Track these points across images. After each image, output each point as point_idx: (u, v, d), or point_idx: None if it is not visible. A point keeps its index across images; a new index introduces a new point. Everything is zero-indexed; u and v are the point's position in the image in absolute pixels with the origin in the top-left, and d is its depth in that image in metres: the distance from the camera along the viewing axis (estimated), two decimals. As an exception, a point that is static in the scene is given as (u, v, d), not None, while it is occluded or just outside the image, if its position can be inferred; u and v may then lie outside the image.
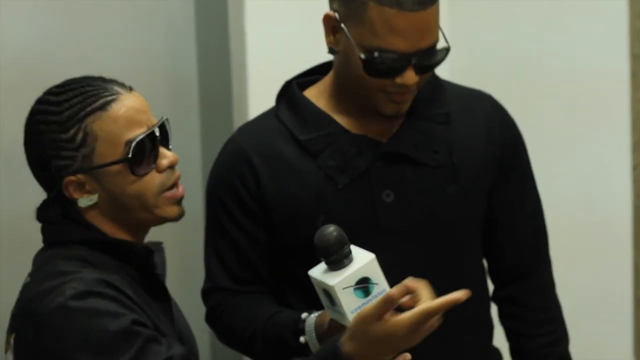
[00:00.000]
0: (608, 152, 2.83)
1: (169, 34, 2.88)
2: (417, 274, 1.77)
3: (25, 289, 1.54)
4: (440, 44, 1.75)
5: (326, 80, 1.87)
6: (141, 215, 1.58)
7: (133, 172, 1.55)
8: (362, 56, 1.69)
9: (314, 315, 1.71)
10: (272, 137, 1.84)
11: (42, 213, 1.60)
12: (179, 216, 1.61)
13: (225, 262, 1.87)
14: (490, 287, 2.02)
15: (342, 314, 1.52)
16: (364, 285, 1.51)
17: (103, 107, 1.54)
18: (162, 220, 1.60)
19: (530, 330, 1.96)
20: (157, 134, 1.57)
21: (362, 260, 1.52)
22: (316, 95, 1.85)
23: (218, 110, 2.87)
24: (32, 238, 1.65)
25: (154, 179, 1.57)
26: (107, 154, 1.54)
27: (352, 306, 1.51)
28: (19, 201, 2.65)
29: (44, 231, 1.61)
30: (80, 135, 1.53)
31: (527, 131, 1.99)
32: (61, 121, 1.53)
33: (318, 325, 1.69)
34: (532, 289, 1.97)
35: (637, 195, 2.84)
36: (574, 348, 2.03)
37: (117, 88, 1.57)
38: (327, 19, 1.76)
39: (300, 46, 2.49)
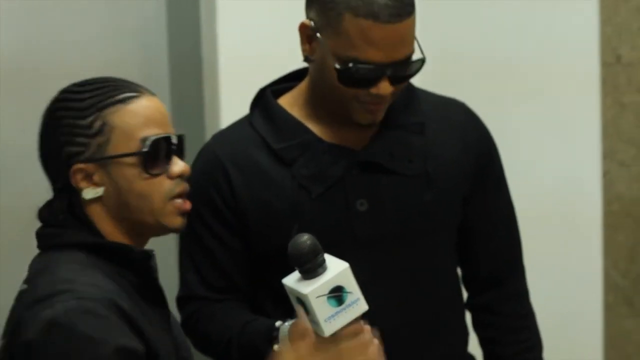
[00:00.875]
0: (579, 159, 2.84)
1: (140, 33, 2.87)
2: (392, 283, 1.77)
3: (21, 296, 1.51)
4: (416, 55, 1.75)
5: (300, 88, 1.86)
6: (144, 218, 1.55)
7: (145, 169, 1.53)
8: (337, 66, 1.69)
9: (288, 323, 1.70)
10: (246, 145, 1.83)
11: (45, 211, 1.58)
12: (181, 228, 1.59)
13: (200, 270, 1.86)
14: (465, 294, 2.02)
15: (316, 323, 1.52)
16: (337, 294, 1.51)
17: (124, 100, 1.54)
18: (163, 228, 1.58)
19: (505, 337, 1.96)
20: (174, 141, 1.57)
21: (336, 269, 1.52)
22: (290, 103, 1.85)
23: (189, 106, 2.86)
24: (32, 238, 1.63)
25: (163, 183, 1.55)
26: (121, 146, 1.53)
27: (325, 315, 1.51)
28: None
29: (40, 235, 1.58)
30: (98, 124, 1.52)
31: (497, 138, 1.99)
32: (81, 107, 1.53)
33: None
34: (507, 297, 1.97)
35: (608, 202, 2.86)
36: (546, 354, 2.03)
37: (140, 88, 1.58)
38: (303, 28, 1.75)
39: (271, 36, 2.49)
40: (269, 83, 1.91)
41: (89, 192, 1.54)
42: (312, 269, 1.51)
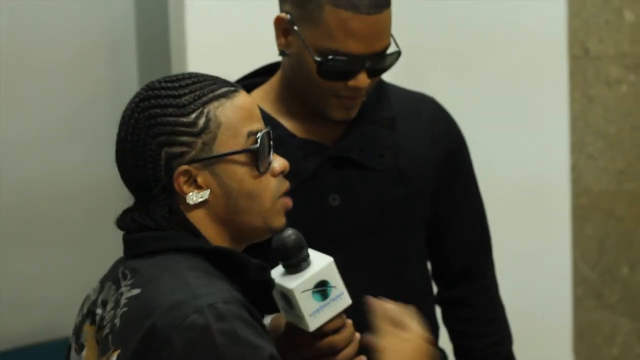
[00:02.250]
0: (547, 152, 2.86)
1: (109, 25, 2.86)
2: (364, 278, 1.77)
3: (135, 300, 1.37)
4: (391, 48, 1.76)
5: (272, 83, 1.85)
6: (253, 220, 1.45)
7: (257, 167, 1.43)
8: (317, 58, 1.69)
9: (269, 318, 1.69)
10: None
11: (132, 219, 1.44)
12: (283, 228, 1.49)
13: None
14: (435, 289, 2.02)
15: (301, 317, 1.52)
16: (322, 288, 1.51)
17: (226, 95, 1.43)
18: (269, 230, 1.48)
19: (476, 331, 1.97)
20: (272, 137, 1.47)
21: (321, 263, 1.52)
22: (261, 97, 1.84)
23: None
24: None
25: (270, 181, 1.46)
26: (230, 144, 1.41)
27: (310, 309, 1.51)
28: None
29: (142, 239, 1.43)
30: (202, 120, 1.40)
31: (465, 132, 2.00)
32: (181, 104, 1.40)
33: (274, 328, 1.67)
34: (477, 290, 1.98)
35: (576, 195, 2.88)
36: (515, 347, 2.04)
37: (232, 83, 1.47)
38: (278, 21, 1.75)
39: (239, 27, 2.49)
40: (238, 78, 1.89)
41: (194, 197, 1.41)
42: (296, 264, 1.51)
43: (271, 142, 1.47)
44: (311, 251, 1.53)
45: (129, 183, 1.46)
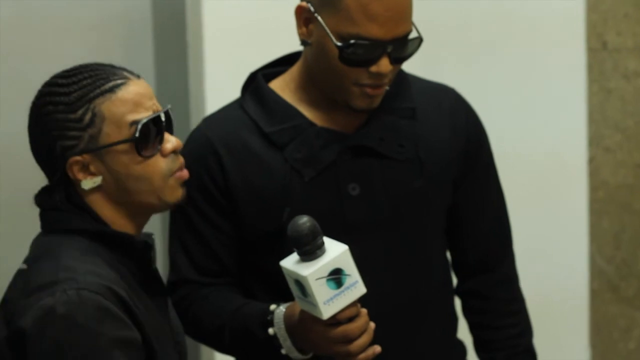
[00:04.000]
0: (564, 145, 2.85)
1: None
2: (383, 268, 1.77)
3: (20, 276, 1.53)
4: (412, 35, 1.75)
5: (293, 72, 1.85)
6: (146, 199, 1.57)
7: (139, 153, 1.55)
8: (339, 44, 1.69)
9: (283, 306, 1.69)
10: (237, 128, 1.82)
11: (43, 198, 1.59)
12: (182, 199, 1.61)
13: (191, 253, 1.85)
14: (454, 280, 2.01)
15: (315, 305, 1.51)
16: (336, 276, 1.51)
17: (112, 89, 1.55)
18: (166, 204, 1.60)
19: (496, 322, 1.96)
20: (163, 119, 1.58)
21: (336, 251, 1.52)
22: (282, 86, 1.84)
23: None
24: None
25: (159, 162, 1.57)
26: (113, 135, 1.54)
27: (324, 297, 1.51)
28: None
29: (43, 217, 1.60)
30: (88, 116, 1.54)
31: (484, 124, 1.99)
32: (70, 102, 1.55)
33: (288, 316, 1.67)
34: (497, 282, 1.97)
35: (593, 188, 2.87)
36: (534, 340, 2.04)
37: (125, 73, 1.59)
38: (299, 11, 1.75)
39: (256, 10, 2.48)
40: (260, 67, 1.90)
41: (87, 183, 1.55)
42: (311, 251, 1.51)
43: (162, 125, 1.58)
44: (326, 239, 1.53)
45: (39, 165, 1.61)
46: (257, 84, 1.85)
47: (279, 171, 1.78)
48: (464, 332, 2.01)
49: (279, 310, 1.69)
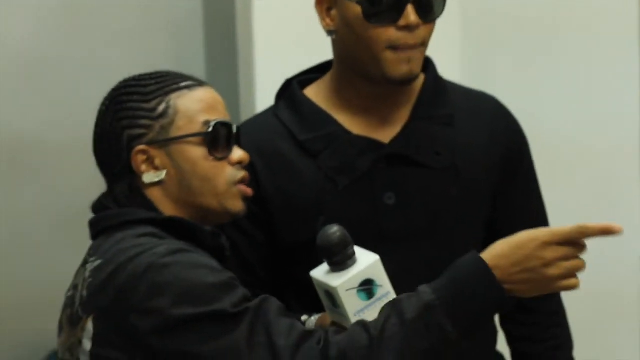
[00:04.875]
0: (619, 136, 2.79)
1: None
2: (419, 279, 1.73)
3: (98, 270, 1.48)
4: None
5: (326, 79, 1.84)
6: (208, 201, 1.56)
7: (209, 151, 1.55)
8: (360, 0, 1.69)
9: (314, 317, 1.67)
10: (271, 136, 1.81)
11: (101, 200, 1.57)
12: (242, 213, 1.60)
13: None
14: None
15: (345, 316, 1.49)
16: (367, 287, 1.48)
17: (189, 87, 1.57)
18: (226, 212, 1.58)
19: (535, 335, 1.93)
20: (234, 130, 1.60)
21: (366, 261, 1.49)
22: (316, 93, 1.83)
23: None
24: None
25: (226, 167, 1.57)
26: (185, 128, 1.55)
27: (355, 308, 1.48)
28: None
29: (102, 218, 1.56)
30: (162, 107, 1.55)
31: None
32: (145, 92, 1.55)
33: (319, 327, 1.65)
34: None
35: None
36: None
37: (201, 80, 1.62)
38: (319, 4, 1.76)
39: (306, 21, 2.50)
40: (295, 75, 1.89)
41: (150, 176, 1.54)
42: (341, 261, 1.48)
43: (233, 134, 1.58)
44: (357, 249, 1.50)
45: (100, 167, 1.60)
46: (291, 91, 1.84)
47: (313, 179, 1.76)
48: (502, 345, 1.99)
49: (310, 320, 1.67)
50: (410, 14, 1.69)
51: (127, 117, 1.54)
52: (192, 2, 2.89)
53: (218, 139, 1.56)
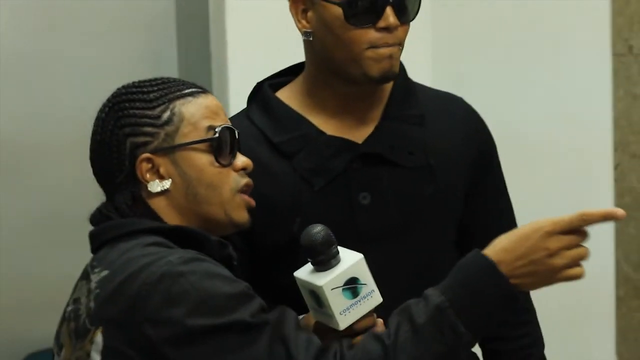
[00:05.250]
0: (590, 152, 2.82)
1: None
2: (395, 277, 1.76)
3: (106, 281, 1.44)
4: None
5: (298, 81, 1.85)
6: (213, 210, 1.53)
7: (216, 157, 1.53)
8: (341, 2, 1.70)
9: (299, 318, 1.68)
10: (245, 139, 1.79)
11: (104, 208, 1.53)
12: (247, 224, 1.57)
13: None
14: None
15: (330, 316, 1.49)
16: (352, 285, 1.49)
17: (192, 94, 1.55)
18: (231, 222, 1.55)
19: (507, 333, 1.94)
20: (237, 136, 1.58)
21: (351, 260, 1.50)
22: (288, 96, 1.84)
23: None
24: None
25: (229, 174, 1.55)
26: (191, 135, 1.52)
27: (340, 307, 1.49)
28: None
29: (103, 229, 1.51)
30: (167, 114, 1.52)
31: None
32: (149, 99, 1.52)
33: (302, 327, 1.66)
34: None
35: (619, 194, 2.85)
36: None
37: (203, 88, 1.59)
38: (294, 4, 1.77)
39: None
40: (266, 77, 1.89)
41: (156, 185, 1.50)
42: (325, 261, 1.49)
43: (236, 140, 1.56)
44: (340, 248, 1.51)
45: (98, 176, 1.55)
46: (263, 93, 1.84)
47: (288, 181, 1.77)
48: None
49: None
50: (390, 16, 1.71)
51: (130, 124, 1.51)
52: (165, 2, 2.88)
53: (224, 144, 1.54)
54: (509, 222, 1.96)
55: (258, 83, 1.88)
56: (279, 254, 1.77)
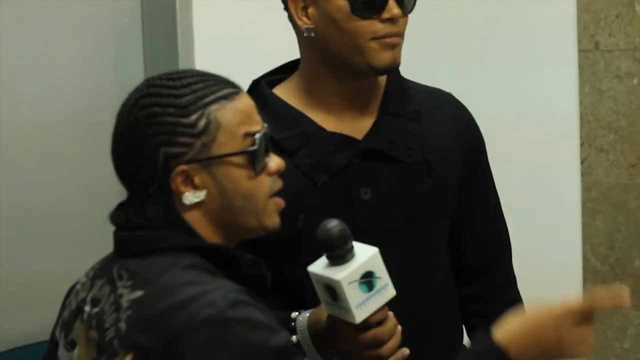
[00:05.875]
0: (557, 146, 2.85)
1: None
2: (397, 271, 1.75)
3: (141, 303, 1.38)
4: None
5: (295, 77, 1.86)
6: (247, 220, 1.46)
7: (253, 168, 1.45)
8: None
9: (306, 313, 1.68)
10: None
11: (129, 216, 1.45)
12: (277, 228, 1.51)
13: None
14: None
15: (347, 309, 1.51)
16: (368, 279, 1.51)
17: (227, 97, 1.44)
18: (264, 229, 1.49)
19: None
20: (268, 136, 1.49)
21: (366, 254, 1.52)
22: (286, 93, 1.84)
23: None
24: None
25: (264, 181, 1.47)
26: (228, 145, 1.43)
27: (357, 301, 1.50)
28: None
29: (134, 239, 1.44)
30: (203, 122, 1.41)
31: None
32: (182, 105, 1.41)
33: (313, 323, 1.66)
34: (497, 284, 1.99)
35: (586, 188, 2.87)
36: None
37: (234, 83, 1.49)
38: (293, 1, 1.78)
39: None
40: (261, 75, 1.89)
41: (190, 197, 1.42)
42: (341, 255, 1.50)
43: (269, 142, 1.49)
44: (354, 242, 1.53)
45: (124, 179, 1.47)
46: (260, 90, 1.84)
47: (291, 178, 1.75)
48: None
49: (302, 316, 1.68)
50: (394, 7, 1.74)
51: (164, 133, 1.40)
52: (131, 2, 2.87)
53: (261, 152, 1.45)
54: (498, 215, 2.00)
55: (254, 81, 1.88)
56: (280, 249, 1.77)
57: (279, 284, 1.74)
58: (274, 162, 1.49)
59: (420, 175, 1.83)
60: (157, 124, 1.41)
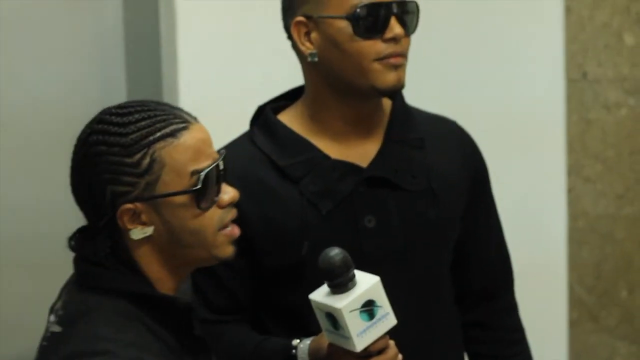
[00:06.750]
0: (544, 175, 2.84)
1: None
2: (400, 300, 1.75)
3: (54, 340, 1.41)
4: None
5: (300, 104, 1.85)
6: (197, 252, 1.48)
7: (198, 205, 1.45)
8: (348, 16, 1.72)
9: (307, 341, 1.68)
10: (250, 163, 1.80)
11: (83, 247, 1.48)
12: (232, 256, 1.51)
13: (203, 292, 1.82)
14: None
15: (348, 338, 1.51)
16: (369, 307, 1.51)
17: (173, 134, 1.44)
18: (216, 259, 1.50)
19: (500, 352, 1.97)
20: (221, 167, 1.49)
21: (368, 282, 1.52)
22: (290, 119, 1.84)
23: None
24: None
25: (214, 215, 1.47)
26: (172, 184, 1.43)
27: (358, 329, 1.50)
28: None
29: (81, 269, 1.48)
30: (146, 161, 1.42)
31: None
32: (126, 144, 1.42)
33: (314, 350, 1.66)
34: (500, 311, 1.98)
35: (573, 218, 2.86)
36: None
37: (185, 116, 1.48)
38: (296, 28, 1.77)
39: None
40: (267, 101, 1.89)
41: (137, 233, 1.44)
42: (343, 283, 1.50)
43: (221, 174, 1.48)
44: (356, 270, 1.53)
45: (80, 206, 1.50)
46: (266, 117, 1.84)
47: (295, 205, 1.77)
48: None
49: (304, 344, 1.68)
50: (395, 27, 1.74)
51: (110, 172, 1.42)
52: (113, 20, 2.83)
53: (208, 189, 1.45)
54: (501, 241, 2.00)
55: (260, 107, 1.87)
56: (283, 275, 1.77)
57: (282, 311, 1.77)
58: (227, 194, 1.49)
59: (425, 203, 1.82)
60: (104, 162, 1.43)
